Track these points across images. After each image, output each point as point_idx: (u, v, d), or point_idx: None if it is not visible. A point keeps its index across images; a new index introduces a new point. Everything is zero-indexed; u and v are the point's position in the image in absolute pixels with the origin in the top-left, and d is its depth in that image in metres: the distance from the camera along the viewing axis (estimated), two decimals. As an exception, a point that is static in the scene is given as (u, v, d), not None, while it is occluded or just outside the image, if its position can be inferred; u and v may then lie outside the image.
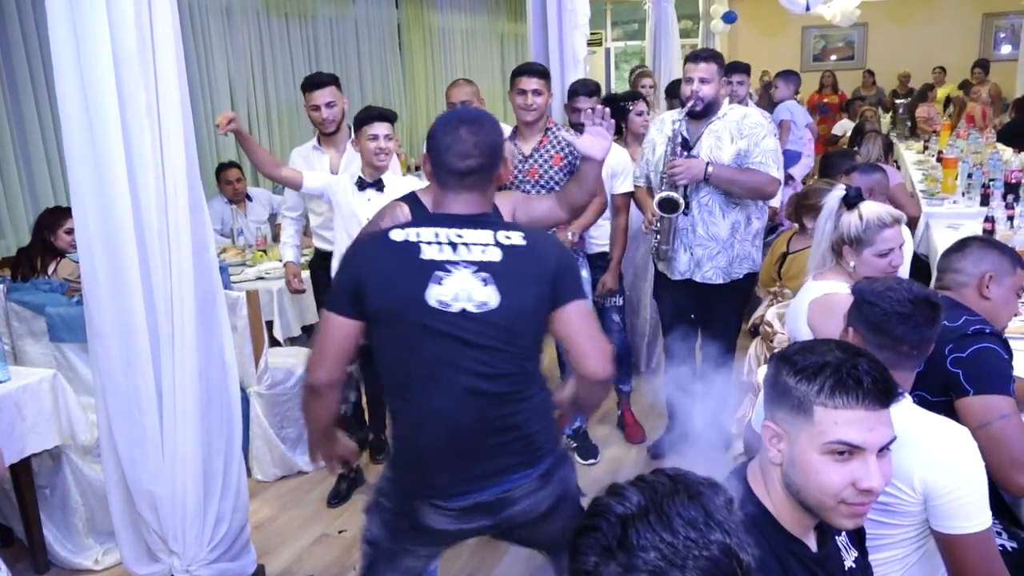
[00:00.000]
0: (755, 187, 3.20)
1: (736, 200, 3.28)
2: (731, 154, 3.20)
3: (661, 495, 0.93)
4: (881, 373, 1.17)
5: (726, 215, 3.30)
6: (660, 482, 0.96)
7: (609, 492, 0.97)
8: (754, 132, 3.20)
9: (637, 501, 0.93)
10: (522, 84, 3.40)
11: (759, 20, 12.06)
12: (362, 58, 7.79)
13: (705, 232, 3.31)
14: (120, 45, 2.15)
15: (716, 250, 3.33)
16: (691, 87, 3.19)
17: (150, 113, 2.23)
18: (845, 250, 2.28)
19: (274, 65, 6.67)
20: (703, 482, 0.96)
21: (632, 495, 0.94)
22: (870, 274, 2.22)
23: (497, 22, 10.32)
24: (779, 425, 1.22)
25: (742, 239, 3.34)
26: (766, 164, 3.19)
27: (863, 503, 1.17)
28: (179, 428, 2.41)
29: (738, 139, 3.20)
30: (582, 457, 3.73)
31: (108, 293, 2.31)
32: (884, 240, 2.22)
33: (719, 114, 3.26)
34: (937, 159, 6.32)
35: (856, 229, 2.24)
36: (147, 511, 2.47)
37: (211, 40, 6.02)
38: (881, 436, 1.16)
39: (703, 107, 3.20)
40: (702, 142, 3.25)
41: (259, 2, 6.50)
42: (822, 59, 13.00)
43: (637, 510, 0.92)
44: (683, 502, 0.92)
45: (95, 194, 2.24)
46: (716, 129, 3.24)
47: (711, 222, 3.30)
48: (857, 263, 2.26)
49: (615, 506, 0.94)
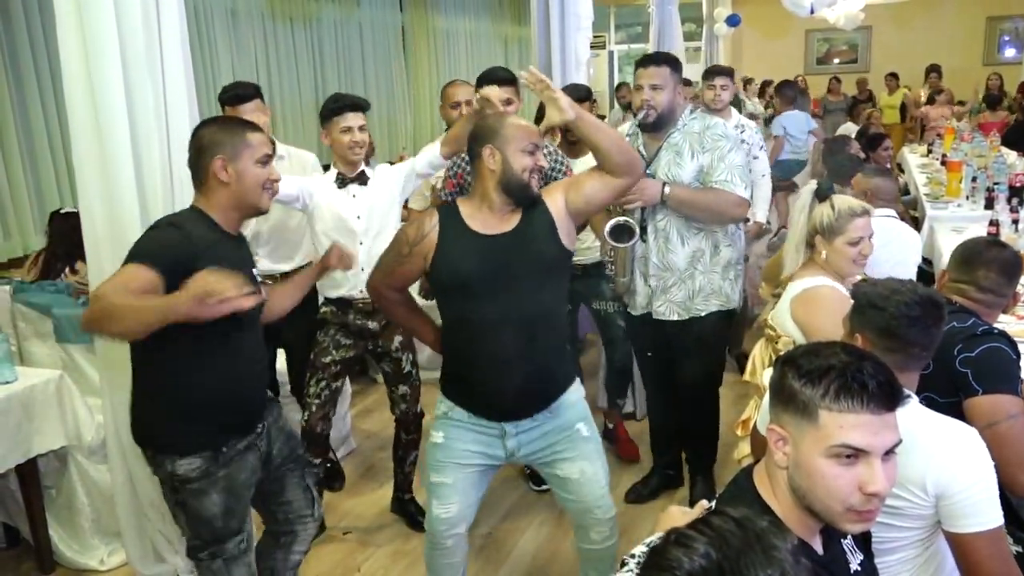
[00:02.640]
0: (718, 210, 2.80)
1: (699, 225, 2.87)
2: (691, 171, 2.81)
3: (735, 550, 0.84)
4: (886, 376, 1.17)
5: (685, 242, 2.88)
6: (729, 531, 0.86)
7: (674, 542, 0.87)
8: (717, 145, 2.80)
9: (706, 553, 0.84)
10: (491, 94, 3.00)
11: (763, 23, 12.08)
12: (366, 61, 7.83)
13: (660, 261, 2.91)
14: (128, 47, 2.18)
15: (671, 281, 2.92)
16: (642, 95, 2.81)
17: (158, 115, 2.25)
18: (818, 240, 2.37)
19: (279, 68, 6.71)
20: (772, 530, 0.88)
21: (700, 545, 0.85)
22: (841, 263, 2.34)
23: (501, 25, 10.36)
24: (784, 428, 1.22)
25: (706, 270, 2.90)
26: (731, 182, 2.78)
27: (870, 509, 1.17)
28: (185, 429, 2.42)
29: (699, 153, 2.81)
30: (535, 482, 3.39)
31: (115, 294, 2.32)
32: (855, 228, 2.31)
33: (678, 125, 2.86)
34: (941, 162, 6.32)
35: (828, 219, 2.33)
36: (153, 511, 2.48)
37: (216, 43, 6.05)
38: (886, 440, 1.16)
39: (656, 118, 2.80)
40: (660, 158, 2.85)
41: (264, 5, 6.53)
42: (826, 62, 13.03)
43: (709, 566, 0.83)
44: (759, 561, 0.84)
45: (102, 196, 2.26)
46: (675, 143, 2.85)
47: (667, 249, 2.89)
48: (829, 252, 2.35)
49: (683, 561, 0.84)
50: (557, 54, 4.67)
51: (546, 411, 2.15)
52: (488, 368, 2.08)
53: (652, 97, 2.78)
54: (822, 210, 2.37)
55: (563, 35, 4.65)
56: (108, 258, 2.30)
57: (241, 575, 2.04)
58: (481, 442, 2.18)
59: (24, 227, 4.66)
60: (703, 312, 2.93)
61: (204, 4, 5.92)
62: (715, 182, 2.79)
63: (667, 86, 2.78)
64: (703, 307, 2.93)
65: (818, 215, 2.37)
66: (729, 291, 2.97)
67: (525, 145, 2.05)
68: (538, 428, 2.16)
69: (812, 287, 2.34)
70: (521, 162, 2.04)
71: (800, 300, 2.35)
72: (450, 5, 9.11)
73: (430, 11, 8.74)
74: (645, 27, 10.51)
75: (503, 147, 2.05)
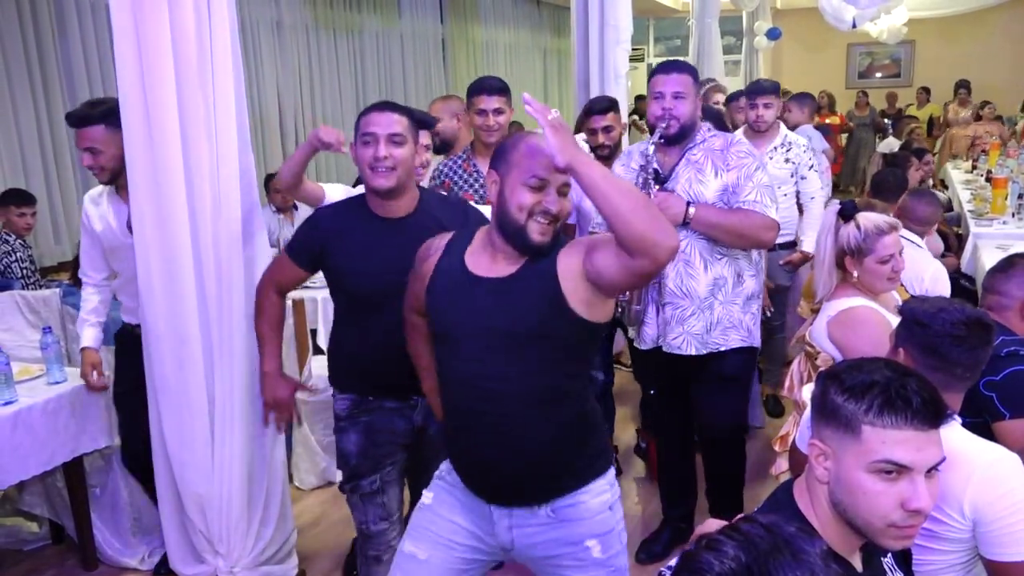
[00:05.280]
0: (747, 233, 2.56)
1: (723, 249, 2.61)
2: (715, 190, 2.56)
3: (764, 553, 0.86)
4: (931, 393, 1.17)
5: (708, 267, 2.60)
6: (758, 535, 0.88)
7: (705, 547, 0.89)
8: (743, 163, 2.56)
9: (735, 556, 0.86)
10: (482, 104, 2.99)
11: (804, 37, 11.99)
12: (407, 72, 7.94)
13: (677, 287, 2.62)
14: (182, 60, 2.24)
15: (690, 310, 2.63)
16: (662, 104, 2.55)
17: (208, 125, 2.31)
18: (847, 261, 2.32)
19: (321, 78, 6.83)
20: (800, 535, 0.89)
21: (729, 549, 0.87)
22: (874, 282, 2.29)
23: (540, 37, 10.42)
24: (826, 443, 1.22)
25: (727, 301, 2.63)
26: (761, 203, 2.54)
27: (912, 525, 1.16)
28: (227, 432, 2.47)
29: (724, 171, 2.56)
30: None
31: (163, 298, 2.38)
32: (884, 246, 2.27)
33: (697, 139, 2.62)
34: (986, 179, 6.22)
35: (856, 239, 2.29)
36: (195, 512, 2.53)
37: (261, 54, 6.19)
38: (930, 456, 1.16)
39: (678, 129, 2.56)
40: (679, 174, 2.60)
41: (308, 17, 6.66)
42: (868, 76, 12.87)
43: (738, 568, 0.85)
44: (788, 563, 0.85)
45: (153, 203, 2.32)
46: (696, 158, 2.60)
47: (687, 274, 2.61)
48: (860, 272, 2.30)
49: (714, 564, 0.86)
50: (595, 67, 4.69)
51: (548, 509, 1.73)
52: (462, 435, 1.77)
53: (675, 107, 2.55)
54: (848, 231, 2.31)
55: (602, 48, 4.67)
56: (157, 262, 2.36)
57: (374, 513, 2.24)
58: (472, 520, 1.79)
59: (74, 232, 4.79)
60: (722, 347, 2.65)
61: (251, 17, 6.06)
62: (743, 203, 2.55)
63: (689, 96, 2.57)
64: (722, 341, 2.65)
65: (844, 236, 2.32)
66: (750, 325, 2.70)
67: (528, 178, 1.62)
68: (540, 528, 1.74)
69: (848, 308, 2.30)
70: (519, 198, 1.63)
71: (837, 322, 2.31)
72: (490, 16, 9.20)
73: (471, 22, 8.83)
74: (684, 40, 10.50)
75: (505, 175, 1.67)
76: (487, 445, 1.70)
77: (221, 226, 2.38)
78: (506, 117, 3.05)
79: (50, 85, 4.70)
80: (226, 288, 2.41)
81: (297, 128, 6.61)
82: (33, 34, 4.59)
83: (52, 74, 4.71)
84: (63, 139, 4.74)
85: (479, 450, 1.72)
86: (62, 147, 4.73)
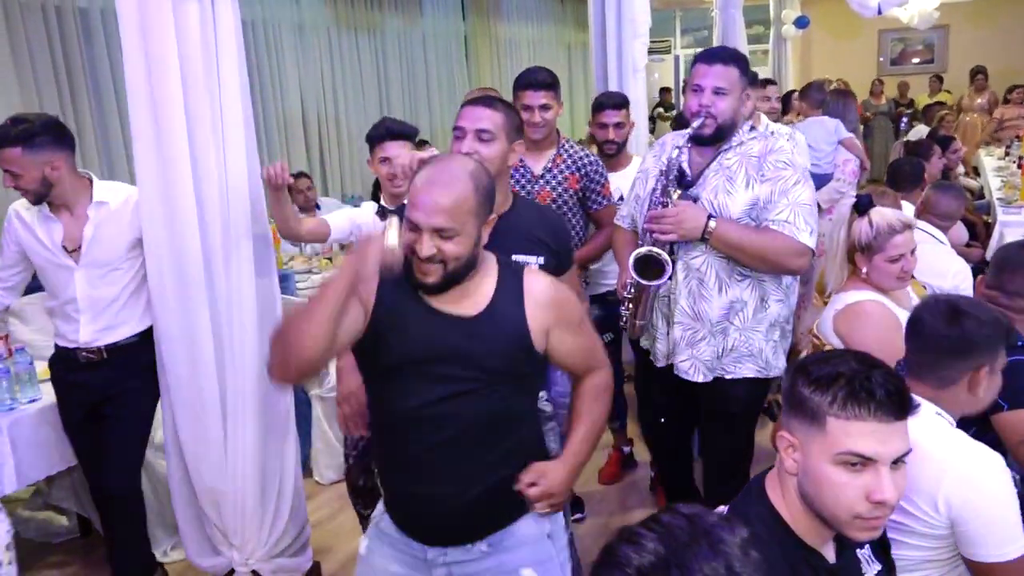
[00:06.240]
0: (772, 257, 2.28)
1: (745, 270, 2.34)
2: (744, 203, 2.29)
3: (681, 544, 0.87)
4: (896, 385, 1.17)
5: (724, 290, 2.35)
6: (678, 526, 0.89)
7: (623, 538, 0.90)
8: (780, 175, 2.28)
9: (655, 550, 0.87)
10: (527, 99, 2.83)
11: (833, 24, 11.78)
12: (429, 70, 7.98)
13: (689, 306, 2.38)
14: (188, 67, 2.28)
15: (700, 334, 2.39)
16: (699, 99, 2.29)
17: (215, 130, 2.35)
18: (857, 257, 2.29)
19: (344, 78, 6.90)
20: (721, 524, 0.90)
21: (648, 542, 0.88)
22: (882, 280, 2.26)
23: (564, 31, 10.40)
24: (794, 435, 1.23)
25: (745, 327, 2.37)
26: (793, 224, 2.26)
27: (877, 516, 1.17)
28: (239, 428, 2.53)
29: (756, 182, 2.28)
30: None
31: (174, 297, 2.44)
32: (894, 246, 2.23)
33: (733, 142, 2.35)
34: (1017, 165, 6.09)
35: (867, 236, 2.25)
36: (209, 507, 2.59)
37: (283, 54, 6.27)
38: (894, 448, 1.16)
39: (715, 129, 2.30)
40: (707, 180, 2.35)
41: (330, 18, 6.73)
42: (900, 63, 12.63)
43: (657, 561, 0.86)
44: (705, 554, 0.86)
45: (163, 205, 2.38)
46: (729, 163, 2.33)
47: (700, 295, 2.36)
48: (869, 269, 2.28)
49: (632, 556, 0.87)
50: (614, 61, 4.67)
51: (484, 544, 1.68)
52: (400, 475, 1.71)
53: (713, 103, 2.27)
54: (860, 226, 2.28)
55: (619, 42, 4.65)
56: (168, 263, 2.42)
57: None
58: (406, 564, 1.72)
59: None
60: (729, 376, 2.41)
61: (272, 18, 6.14)
62: (773, 221, 2.26)
63: (733, 91, 2.29)
64: (732, 369, 2.41)
65: (856, 231, 2.29)
66: (770, 355, 2.43)
67: (407, 216, 1.54)
68: (474, 563, 1.69)
69: (855, 302, 2.27)
70: (405, 235, 1.55)
71: (843, 315, 2.28)
72: (513, 12, 9.20)
73: (492, 19, 8.85)
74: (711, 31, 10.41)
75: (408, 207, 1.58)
76: (429, 482, 1.64)
77: (230, 228, 2.42)
78: (553, 113, 2.87)
79: (76, 91, 4.82)
80: (235, 289, 2.46)
81: (320, 128, 6.70)
82: (59, 41, 4.71)
83: (78, 80, 4.83)
84: (90, 142, 4.86)
85: (420, 488, 1.66)
86: (89, 150, 4.85)
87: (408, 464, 1.67)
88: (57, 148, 2.49)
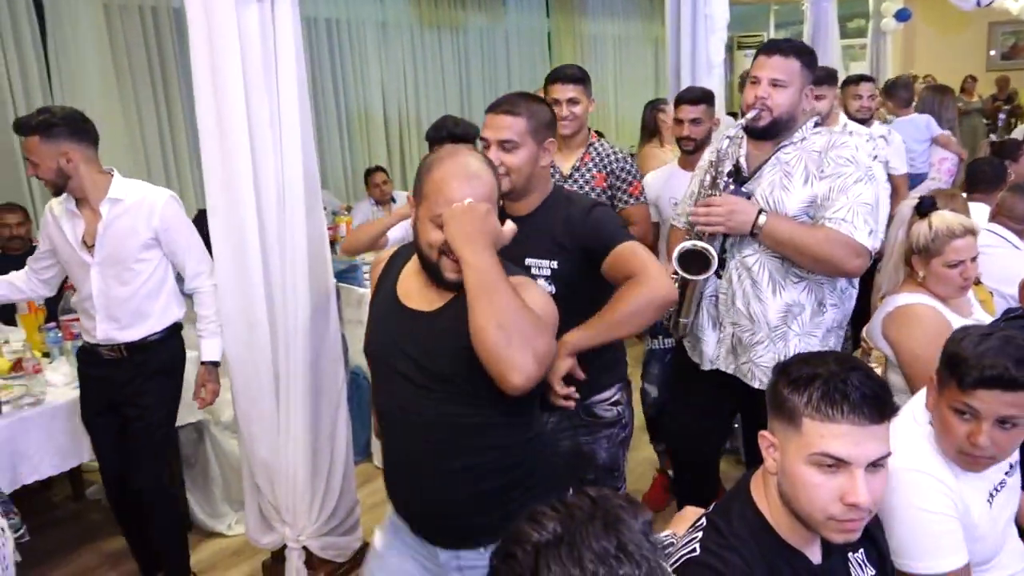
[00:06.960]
0: (827, 257, 2.16)
1: (801, 272, 2.25)
2: (801, 200, 2.21)
3: (577, 523, 0.90)
4: (874, 388, 1.16)
5: (779, 291, 2.26)
6: (580, 506, 0.92)
7: (528, 517, 0.94)
8: (841, 172, 2.17)
9: (552, 529, 0.90)
10: (556, 93, 2.85)
11: (938, 17, 11.24)
12: (512, 67, 8.05)
13: (745, 307, 2.31)
14: (249, 67, 2.41)
15: (758, 336, 2.31)
16: (756, 91, 2.23)
17: (272, 125, 2.48)
18: (914, 260, 2.22)
19: (425, 75, 7.05)
20: (623, 505, 0.93)
21: (548, 522, 0.91)
22: (939, 286, 2.18)
23: (651, 27, 10.28)
24: (774, 435, 1.23)
25: (804, 332, 2.29)
26: (851, 223, 2.14)
27: (852, 519, 1.16)
28: (291, 410, 2.65)
29: (815, 179, 2.19)
30: None
31: (235, 285, 2.58)
32: (954, 251, 2.15)
33: (794, 137, 2.28)
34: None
35: (925, 238, 2.18)
36: (264, 483, 2.73)
37: (367, 52, 6.47)
38: (869, 451, 1.15)
39: (769, 122, 2.23)
40: (763, 175, 2.28)
41: (413, 16, 6.88)
42: (1013, 57, 11.93)
43: (552, 539, 0.89)
44: (597, 532, 0.89)
45: (225, 197, 2.52)
46: (788, 159, 2.26)
47: (754, 295, 2.28)
48: (926, 273, 2.20)
49: (531, 533, 0.91)
50: (687, 57, 4.61)
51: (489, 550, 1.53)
52: (391, 472, 1.72)
53: (770, 95, 2.20)
54: (919, 229, 2.21)
55: (694, 37, 4.59)
56: (227, 252, 2.55)
57: None
58: (423, 567, 1.72)
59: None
60: None
61: (356, 16, 6.34)
62: (829, 219, 2.16)
63: (792, 84, 2.21)
64: None
65: (915, 233, 2.22)
66: None
67: (434, 213, 1.50)
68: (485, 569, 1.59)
69: (907, 304, 2.21)
70: (428, 234, 1.52)
71: (892, 317, 2.23)
72: (598, 9, 9.16)
73: (577, 15, 8.83)
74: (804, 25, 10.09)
75: (419, 203, 1.56)
76: (415, 484, 1.63)
77: (285, 221, 2.54)
78: (582, 108, 2.89)
79: (170, 90, 5.11)
80: (290, 276, 2.58)
81: (401, 124, 6.87)
82: (155, 43, 5.01)
83: (172, 79, 5.12)
84: (182, 141, 5.15)
85: (408, 487, 1.66)
86: (181, 148, 5.14)
87: (393, 462, 1.70)
88: (73, 140, 2.54)
